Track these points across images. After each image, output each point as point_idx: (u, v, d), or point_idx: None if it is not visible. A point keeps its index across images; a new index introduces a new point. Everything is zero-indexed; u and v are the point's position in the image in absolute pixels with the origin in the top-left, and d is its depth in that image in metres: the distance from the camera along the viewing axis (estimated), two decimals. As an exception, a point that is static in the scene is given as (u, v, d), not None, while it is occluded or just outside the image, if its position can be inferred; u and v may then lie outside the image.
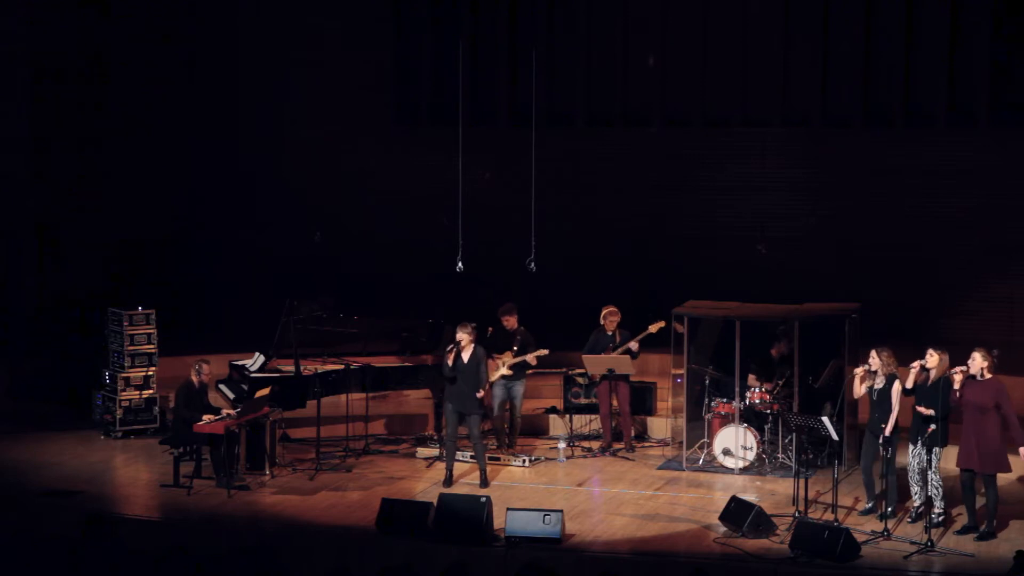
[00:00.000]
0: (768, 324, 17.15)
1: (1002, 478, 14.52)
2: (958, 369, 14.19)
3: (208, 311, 22.34)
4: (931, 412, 14.24)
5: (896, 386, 14.74)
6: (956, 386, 14.19)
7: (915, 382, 14.49)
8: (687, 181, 22.30)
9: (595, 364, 17.53)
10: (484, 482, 16.09)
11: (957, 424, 14.58)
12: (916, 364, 14.50)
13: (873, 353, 14.91)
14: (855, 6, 21.45)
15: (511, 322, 17.60)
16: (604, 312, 17.67)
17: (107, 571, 11.40)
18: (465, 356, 16.15)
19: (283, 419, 17.23)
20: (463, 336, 16.17)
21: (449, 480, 16.12)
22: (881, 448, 14.64)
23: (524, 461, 17.04)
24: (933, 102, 21.35)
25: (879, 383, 14.86)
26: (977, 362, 14.11)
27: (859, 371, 15.00)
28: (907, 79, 21.33)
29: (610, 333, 17.58)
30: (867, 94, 21.55)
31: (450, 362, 16.11)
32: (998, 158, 21.18)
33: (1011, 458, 14.44)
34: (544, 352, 17.42)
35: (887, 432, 14.64)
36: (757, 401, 16.75)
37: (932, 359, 14.41)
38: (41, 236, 20.80)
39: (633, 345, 17.39)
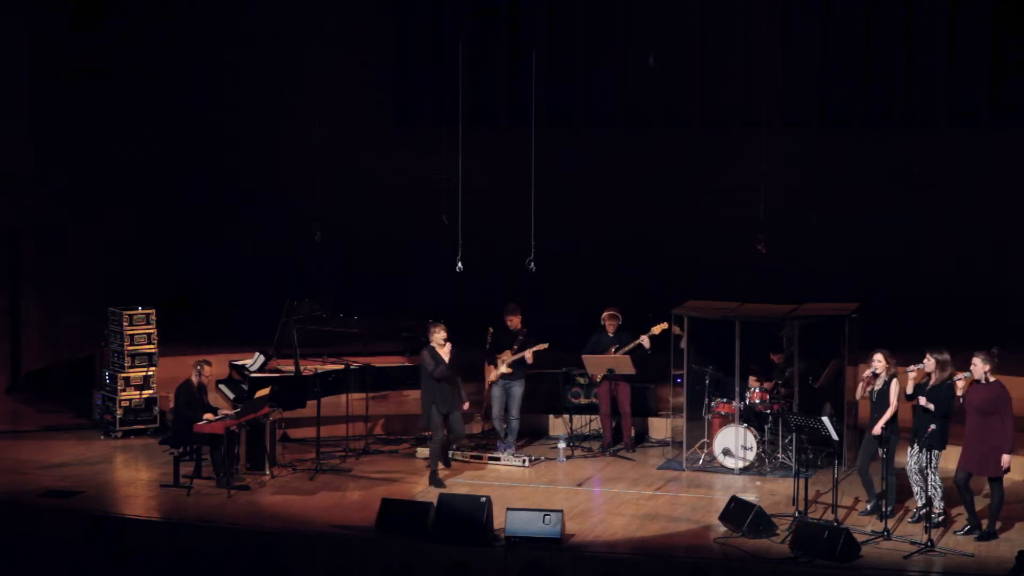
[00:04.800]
0: (768, 325, 17.13)
1: (1006, 478, 14.49)
2: (961, 375, 14.16)
3: (208, 311, 22.32)
4: (931, 406, 14.19)
5: (894, 384, 14.71)
6: (959, 392, 14.17)
7: (916, 383, 14.46)
8: (687, 181, 22.28)
9: (595, 364, 17.49)
10: (435, 481, 15.96)
11: (959, 425, 14.55)
12: (915, 368, 14.46)
13: (881, 356, 14.82)
14: (855, 6, 21.46)
15: (515, 322, 17.54)
16: (604, 315, 17.61)
17: (108, 571, 11.41)
18: (445, 355, 16.13)
19: (283, 419, 17.22)
20: (438, 337, 16.14)
21: (437, 479, 16.02)
22: (878, 448, 14.63)
23: (524, 461, 17.04)
24: (933, 102, 21.35)
25: (879, 384, 14.83)
26: (979, 367, 14.05)
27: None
28: (907, 79, 21.33)
29: (611, 335, 17.55)
30: (867, 94, 21.54)
31: (446, 359, 16.13)
32: (998, 158, 21.18)
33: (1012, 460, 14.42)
34: (544, 346, 17.35)
35: (876, 429, 14.60)
36: (757, 401, 16.74)
37: (930, 363, 14.39)
38: (41, 236, 20.78)
39: (645, 341, 17.28)
